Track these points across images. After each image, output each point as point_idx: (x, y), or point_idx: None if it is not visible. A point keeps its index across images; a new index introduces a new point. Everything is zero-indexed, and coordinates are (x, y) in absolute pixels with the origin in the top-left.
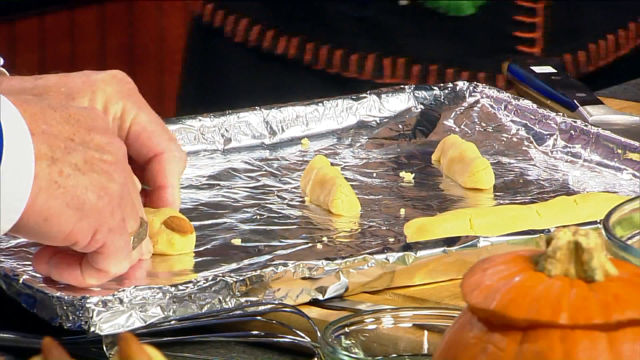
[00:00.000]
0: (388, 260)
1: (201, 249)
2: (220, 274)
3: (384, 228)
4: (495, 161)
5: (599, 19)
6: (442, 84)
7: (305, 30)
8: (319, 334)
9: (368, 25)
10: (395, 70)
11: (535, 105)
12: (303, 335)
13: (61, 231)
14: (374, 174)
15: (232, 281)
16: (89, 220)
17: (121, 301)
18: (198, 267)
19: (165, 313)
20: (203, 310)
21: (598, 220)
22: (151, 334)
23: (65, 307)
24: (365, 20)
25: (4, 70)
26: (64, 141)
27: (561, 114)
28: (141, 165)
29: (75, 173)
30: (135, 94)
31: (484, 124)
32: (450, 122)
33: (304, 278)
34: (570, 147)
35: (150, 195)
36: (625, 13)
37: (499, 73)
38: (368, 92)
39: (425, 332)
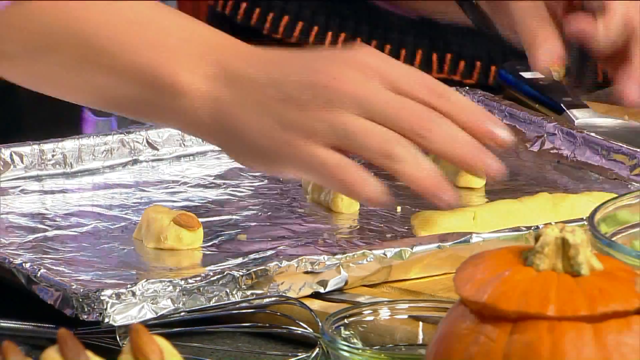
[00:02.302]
0: (386, 255)
1: (209, 244)
2: (227, 268)
3: (382, 225)
4: None
5: None
6: None
7: (352, 26)
8: (320, 325)
9: (415, 22)
10: (443, 65)
11: (524, 109)
12: (305, 326)
13: None
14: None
15: (238, 275)
16: None
17: (134, 294)
18: (206, 262)
19: (175, 305)
20: (211, 303)
21: (584, 218)
22: (162, 325)
23: (80, 300)
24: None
25: None
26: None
27: (549, 117)
28: None
29: None
30: None
31: None
32: None
33: (306, 272)
34: (557, 149)
35: None
36: None
37: None
38: None
39: (420, 323)
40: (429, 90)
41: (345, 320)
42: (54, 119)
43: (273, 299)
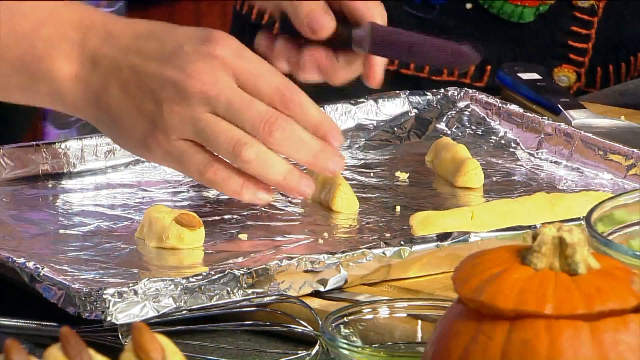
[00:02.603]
0: (385, 254)
1: (210, 243)
2: (228, 267)
3: (381, 224)
4: (484, 162)
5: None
6: (434, 90)
7: None
8: (320, 324)
9: (426, 26)
10: (453, 69)
11: (521, 110)
12: (305, 324)
13: None
14: (372, 174)
15: (239, 274)
16: None
17: (136, 292)
18: (207, 261)
19: (177, 303)
20: (212, 301)
21: (581, 217)
22: (164, 323)
23: (83, 298)
24: (427, 21)
25: None
26: None
27: (546, 117)
28: None
29: None
30: None
31: (474, 127)
32: (442, 125)
33: (306, 271)
34: (554, 149)
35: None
36: None
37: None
38: (366, 97)
39: (419, 321)
40: (276, 91)
41: (345, 319)
42: (15, 132)
43: (273, 297)
